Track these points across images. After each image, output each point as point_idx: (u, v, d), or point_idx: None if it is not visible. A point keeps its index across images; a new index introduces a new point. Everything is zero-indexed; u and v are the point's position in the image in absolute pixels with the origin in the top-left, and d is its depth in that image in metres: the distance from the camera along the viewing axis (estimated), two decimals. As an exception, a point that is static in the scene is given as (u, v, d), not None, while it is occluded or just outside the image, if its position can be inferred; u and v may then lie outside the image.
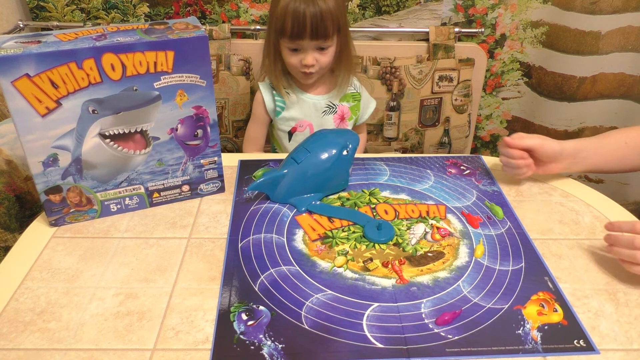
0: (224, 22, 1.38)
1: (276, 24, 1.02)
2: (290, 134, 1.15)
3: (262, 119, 1.16)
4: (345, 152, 0.85)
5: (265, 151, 1.25)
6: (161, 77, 0.74)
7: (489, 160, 0.99)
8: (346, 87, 1.15)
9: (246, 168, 0.95)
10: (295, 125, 1.14)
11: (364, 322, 0.64)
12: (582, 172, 0.96)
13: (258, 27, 1.36)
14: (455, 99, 1.43)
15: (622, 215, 0.85)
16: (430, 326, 0.64)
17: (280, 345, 0.61)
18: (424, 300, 0.68)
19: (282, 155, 0.98)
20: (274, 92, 1.13)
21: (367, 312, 0.66)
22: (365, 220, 0.81)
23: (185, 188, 0.85)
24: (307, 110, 1.14)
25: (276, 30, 1.03)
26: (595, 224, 0.83)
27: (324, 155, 0.85)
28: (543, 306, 0.67)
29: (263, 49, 1.12)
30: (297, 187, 0.85)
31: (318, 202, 0.86)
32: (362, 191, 0.89)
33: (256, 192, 0.88)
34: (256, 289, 0.69)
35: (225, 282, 0.70)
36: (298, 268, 0.72)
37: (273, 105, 1.13)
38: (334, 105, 1.15)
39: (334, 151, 0.85)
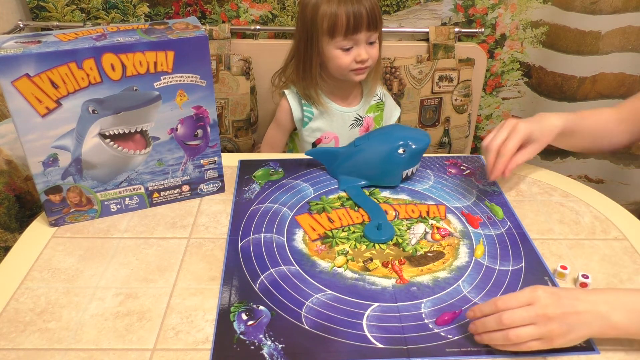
0: (224, 22, 1.38)
1: (323, 25, 0.99)
2: (315, 145, 1.13)
3: (285, 127, 1.13)
4: (400, 151, 0.85)
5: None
6: (161, 77, 0.74)
7: (489, 160, 0.99)
8: (372, 96, 1.14)
9: (246, 168, 0.95)
10: (321, 137, 1.12)
11: (364, 322, 0.64)
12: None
13: (258, 27, 1.36)
14: (455, 99, 1.43)
15: (622, 215, 0.85)
16: (430, 326, 0.64)
17: (280, 345, 0.61)
18: (424, 300, 0.68)
19: (282, 155, 0.98)
20: (303, 101, 1.09)
21: (367, 312, 0.66)
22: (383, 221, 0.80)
23: (185, 188, 0.85)
24: (335, 122, 1.11)
25: (322, 33, 1.00)
26: (595, 224, 0.82)
27: (378, 147, 0.87)
28: (543, 306, 0.67)
29: (290, 59, 1.09)
30: (348, 167, 0.89)
31: (358, 187, 0.88)
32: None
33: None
34: (256, 289, 0.69)
35: (225, 282, 0.70)
36: (298, 268, 0.72)
37: (300, 115, 1.10)
38: (361, 117, 1.13)
39: (388, 147, 0.86)
